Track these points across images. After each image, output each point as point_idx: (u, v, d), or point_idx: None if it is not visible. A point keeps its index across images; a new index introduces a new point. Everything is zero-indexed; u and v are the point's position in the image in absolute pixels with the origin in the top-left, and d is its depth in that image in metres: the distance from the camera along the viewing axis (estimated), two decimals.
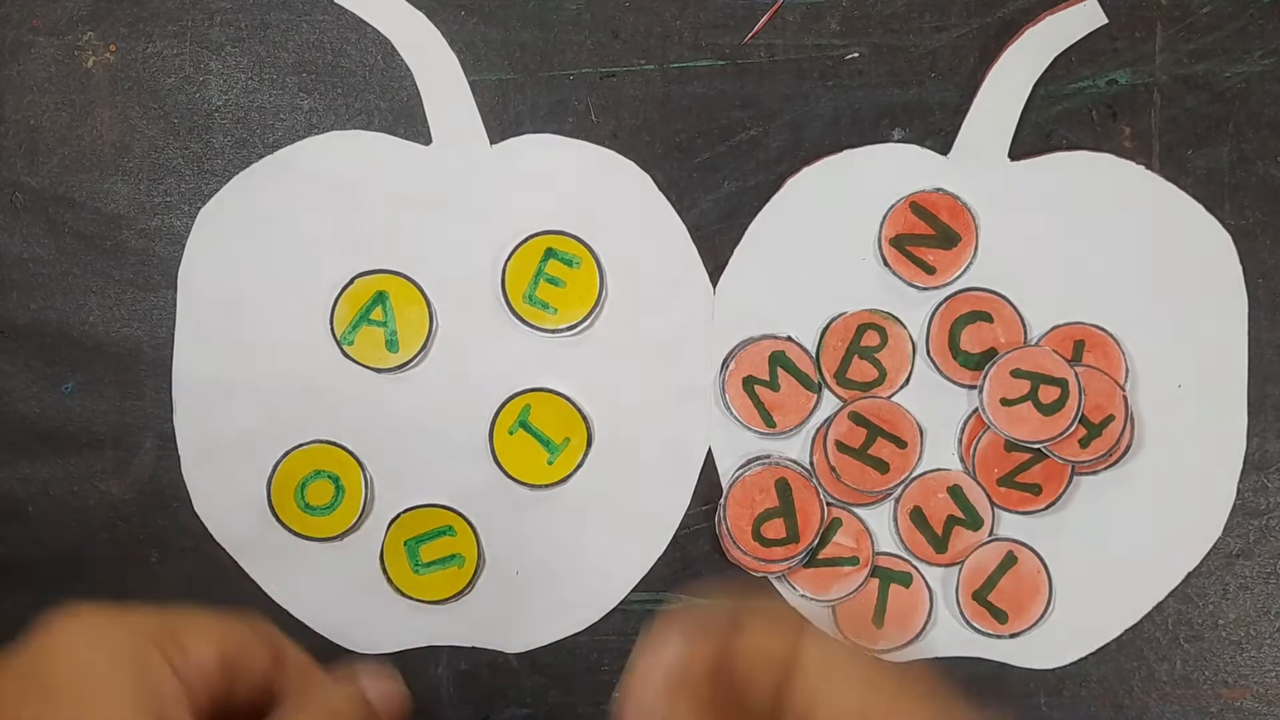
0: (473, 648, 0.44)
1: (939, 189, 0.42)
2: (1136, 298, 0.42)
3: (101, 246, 0.44)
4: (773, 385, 0.42)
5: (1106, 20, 0.42)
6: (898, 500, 0.42)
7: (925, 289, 0.42)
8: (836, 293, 0.43)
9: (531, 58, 0.43)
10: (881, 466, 0.42)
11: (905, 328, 0.42)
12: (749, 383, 0.42)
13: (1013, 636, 0.42)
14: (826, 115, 0.43)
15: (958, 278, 0.42)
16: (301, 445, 0.44)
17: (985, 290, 0.42)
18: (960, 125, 0.43)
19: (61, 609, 0.29)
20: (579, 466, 0.43)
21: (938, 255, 0.42)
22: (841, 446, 0.42)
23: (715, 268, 0.43)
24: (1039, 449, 0.42)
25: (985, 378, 0.41)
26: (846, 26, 0.43)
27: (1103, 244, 0.42)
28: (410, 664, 0.44)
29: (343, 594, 0.44)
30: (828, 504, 0.42)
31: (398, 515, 0.44)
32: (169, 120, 0.44)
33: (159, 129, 0.44)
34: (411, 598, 0.44)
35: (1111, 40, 0.42)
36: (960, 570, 0.42)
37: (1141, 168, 0.43)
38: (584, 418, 0.43)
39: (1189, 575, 0.43)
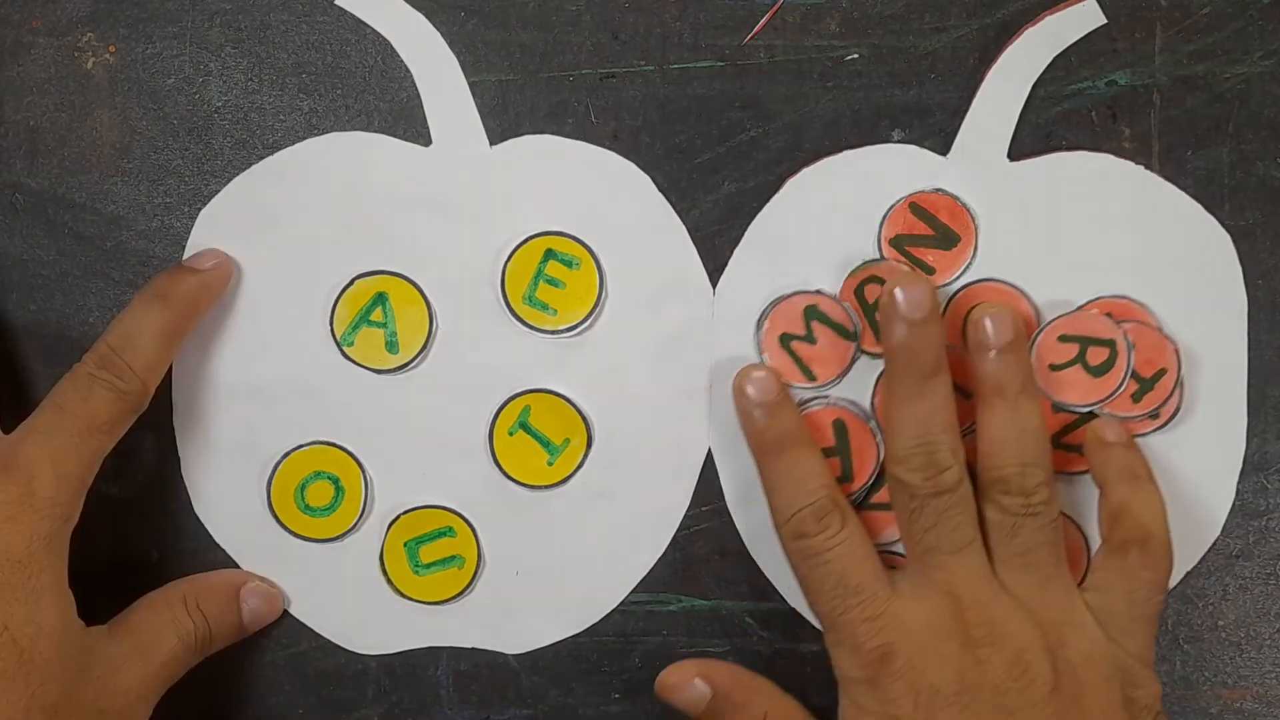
0: (472, 648, 0.44)
1: (939, 189, 0.42)
2: (1135, 298, 0.42)
3: (101, 247, 0.44)
4: (809, 339, 0.42)
5: (1105, 20, 0.42)
6: None
7: None
8: (836, 292, 0.43)
9: (531, 58, 0.43)
10: None
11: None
12: (785, 339, 0.42)
13: None
14: (826, 116, 0.43)
15: (957, 278, 0.42)
16: (301, 446, 0.44)
17: (999, 281, 0.42)
18: (960, 126, 0.43)
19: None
20: (579, 467, 0.43)
21: (937, 255, 0.42)
22: None
23: (715, 268, 0.43)
24: (1090, 411, 0.42)
25: (1032, 345, 0.41)
26: (846, 27, 0.43)
27: (1101, 245, 0.42)
28: (410, 665, 0.44)
29: (342, 595, 0.44)
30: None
31: (397, 516, 0.44)
32: (169, 121, 0.44)
33: (159, 130, 0.44)
34: (411, 599, 0.44)
35: (1111, 41, 0.42)
36: None
37: (1141, 168, 0.43)
38: (584, 418, 0.43)
39: (1188, 576, 0.43)
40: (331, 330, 0.43)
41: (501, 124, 0.43)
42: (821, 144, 0.43)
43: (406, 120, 0.43)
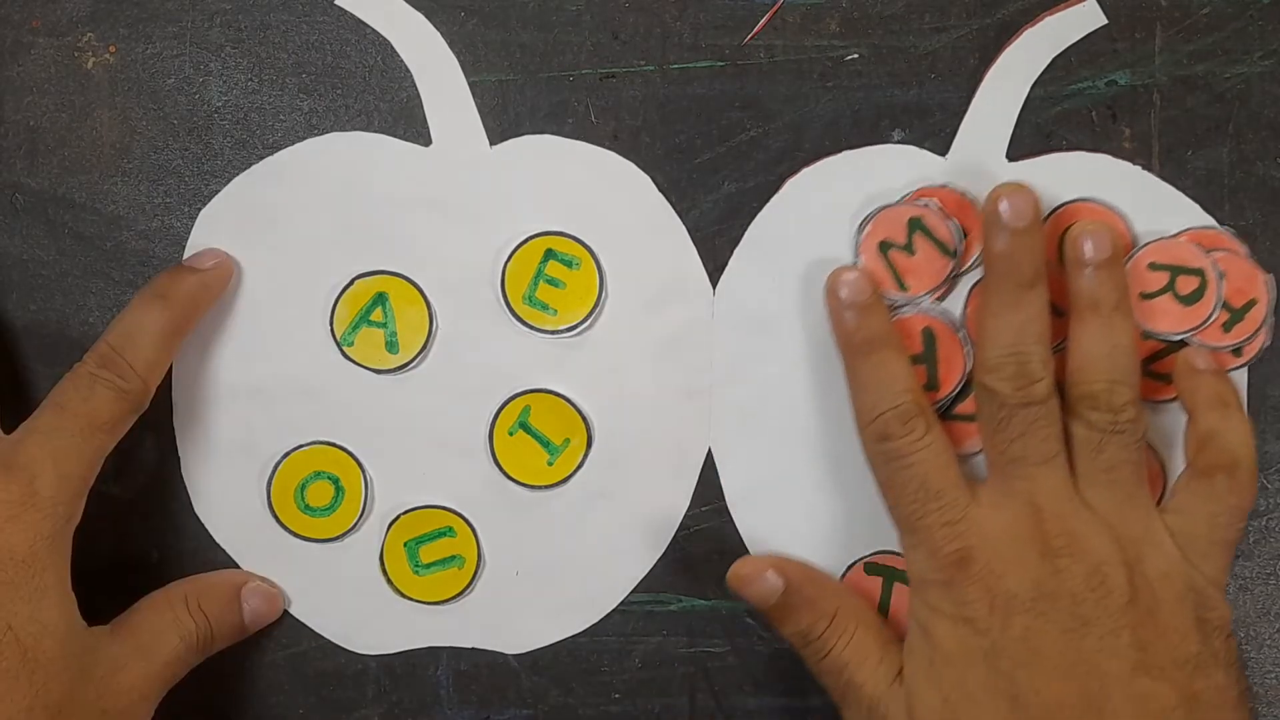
0: (472, 648, 0.44)
1: (945, 185, 0.42)
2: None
3: (101, 247, 0.44)
4: (908, 249, 0.42)
5: (1106, 21, 0.42)
6: None
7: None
8: None
9: (531, 59, 0.43)
10: None
11: None
12: (884, 246, 0.42)
13: None
14: (826, 116, 0.43)
15: (973, 265, 0.42)
16: (301, 446, 0.44)
17: (1096, 201, 0.42)
18: (960, 126, 0.43)
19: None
20: (579, 467, 0.43)
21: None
22: None
23: (715, 268, 0.43)
24: (1181, 340, 0.42)
25: None
26: (846, 27, 0.43)
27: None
28: (410, 665, 0.44)
29: (342, 595, 0.44)
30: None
31: (397, 516, 0.44)
32: (169, 121, 0.44)
33: (159, 130, 0.44)
34: (411, 599, 0.44)
35: (1111, 41, 0.42)
36: None
37: (1139, 168, 0.43)
38: (584, 418, 0.43)
39: None
40: (331, 330, 0.43)
41: (501, 124, 0.43)
42: (821, 144, 0.43)
43: (407, 120, 0.43)
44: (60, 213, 0.44)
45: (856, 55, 0.43)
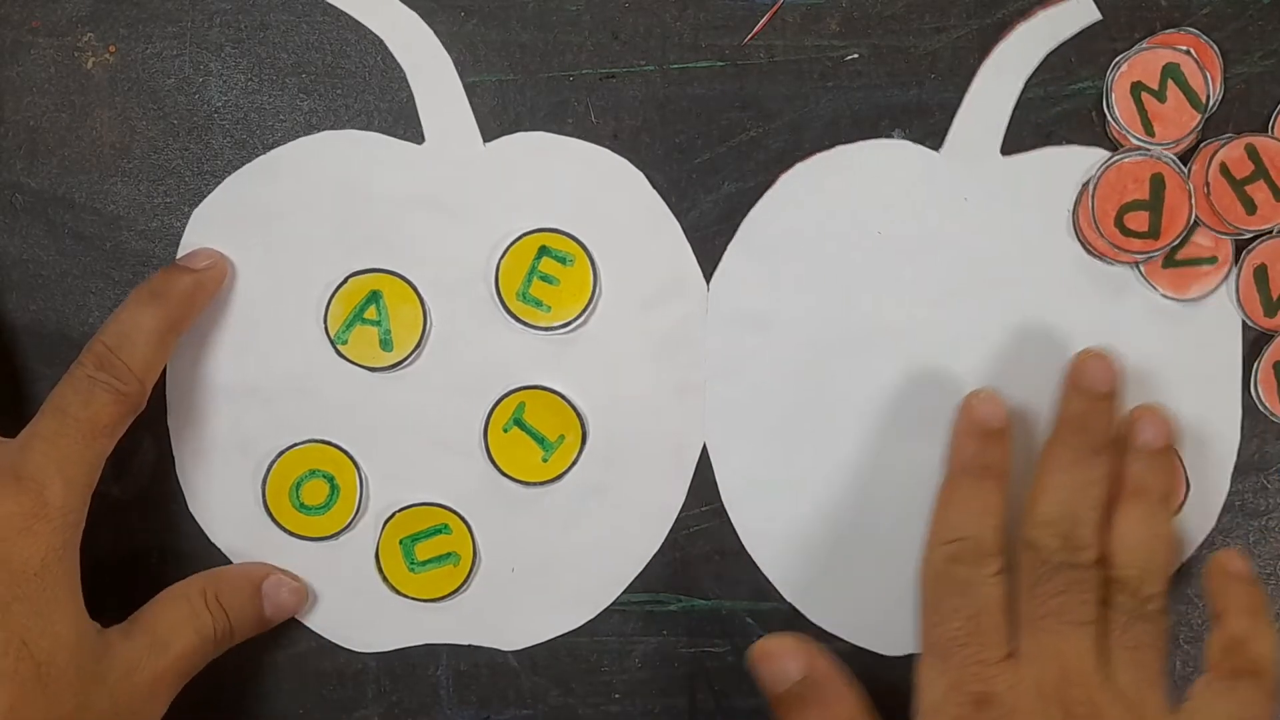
0: (470, 647, 0.44)
1: (1195, 34, 0.42)
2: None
3: (101, 247, 0.44)
4: (1160, 95, 0.42)
5: (1100, 16, 0.42)
6: (1248, 253, 0.42)
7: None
8: (830, 290, 0.43)
9: (531, 58, 0.43)
10: (1250, 206, 0.41)
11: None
12: (1137, 88, 0.42)
13: None
14: (826, 116, 0.43)
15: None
16: (296, 445, 0.44)
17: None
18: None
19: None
20: (574, 464, 0.43)
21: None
22: (1224, 170, 0.41)
23: (714, 268, 0.43)
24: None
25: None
26: (846, 27, 0.43)
27: None
28: (410, 665, 0.44)
29: (338, 593, 0.44)
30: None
31: (393, 514, 0.44)
32: (169, 121, 0.44)
33: (159, 130, 0.44)
34: (407, 596, 0.44)
35: (1111, 41, 0.42)
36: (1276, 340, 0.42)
37: None
38: (579, 415, 0.43)
39: (1187, 575, 0.43)
40: (326, 328, 0.43)
41: (501, 124, 0.43)
42: (821, 144, 0.43)
43: (406, 120, 0.43)
44: (60, 213, 0.44)
45: (856, 55, 0.43)
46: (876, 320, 0.43)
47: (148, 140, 0.44)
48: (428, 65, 0.43)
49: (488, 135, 0.43)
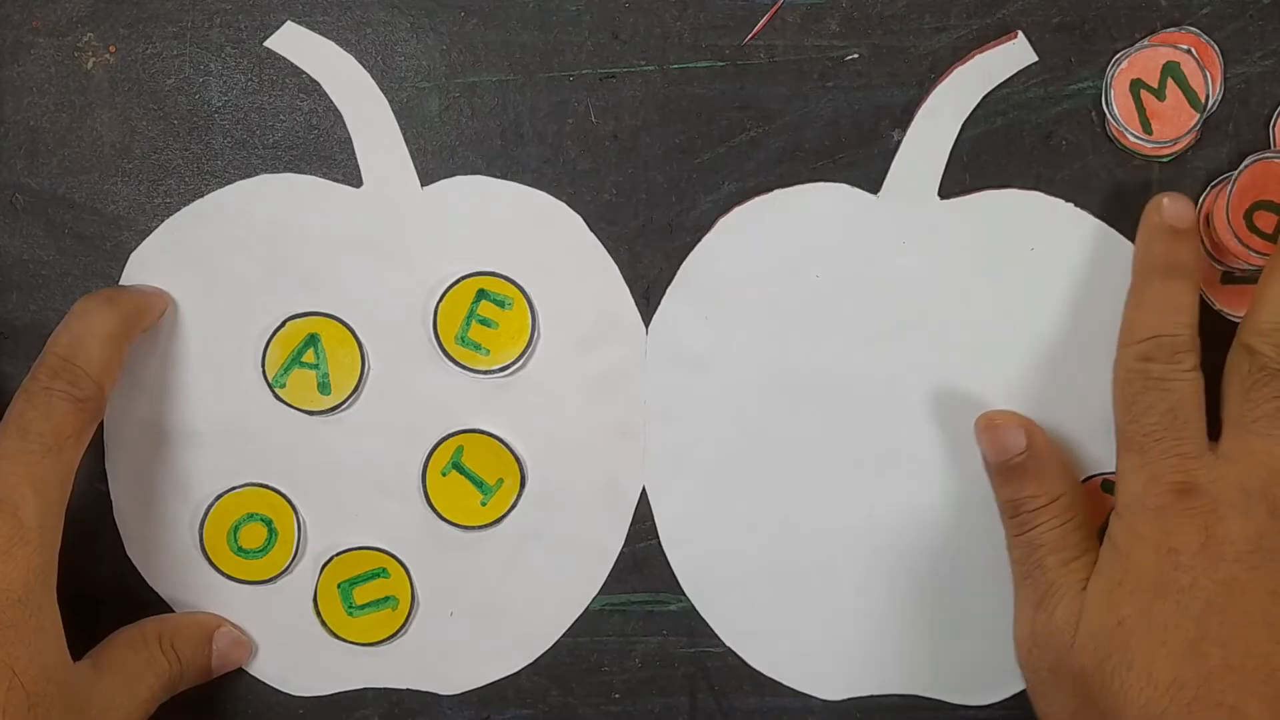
0: (407, 689, 0.44)
1: (1195, 33, 0.42)
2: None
3: (101, 247, 0.44)
4: (1159, 94, 0.42)
5: (1036, 58, 0.42)
6: None
7: None
8: (769, 333, 0.43)
9: (531, 59, 0.43)
10: None
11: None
12: (1136, 85, 0.42)
13: None
14: (826, 116, 0.43)
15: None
16: (234, 488, 0.43)
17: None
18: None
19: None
20: (512, 507, 0.43)
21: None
22: None
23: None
24: None
25: None
26: (846, 27, 0.43)
27: (1031, 282, 0.42)
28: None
29: (276, 637, 0.44)
30: None
31: (331, 558, 0.44)
32: (169, 121, 0.44)
33: (159, 130, 0.44)
34: (345, 640, 0.44)
35: (1111, 41, 0.42)
36: None
37: (1071, 205, 0.42)
38: (517, 459, 0.43)
39: None
40: (263, 372, 0.43)
41: (501, 124, 0.43)
42: (821, 144, 0.43)
43: (406, 119, 0.43)
44: (60, 213, 0.44)
45: (856, 55, 0.43)
46: (815, 362, 0.43)
47: (148, 140, 0.44)
48: (365, 108, 0.43)
49: (481, 142, 0.43)
